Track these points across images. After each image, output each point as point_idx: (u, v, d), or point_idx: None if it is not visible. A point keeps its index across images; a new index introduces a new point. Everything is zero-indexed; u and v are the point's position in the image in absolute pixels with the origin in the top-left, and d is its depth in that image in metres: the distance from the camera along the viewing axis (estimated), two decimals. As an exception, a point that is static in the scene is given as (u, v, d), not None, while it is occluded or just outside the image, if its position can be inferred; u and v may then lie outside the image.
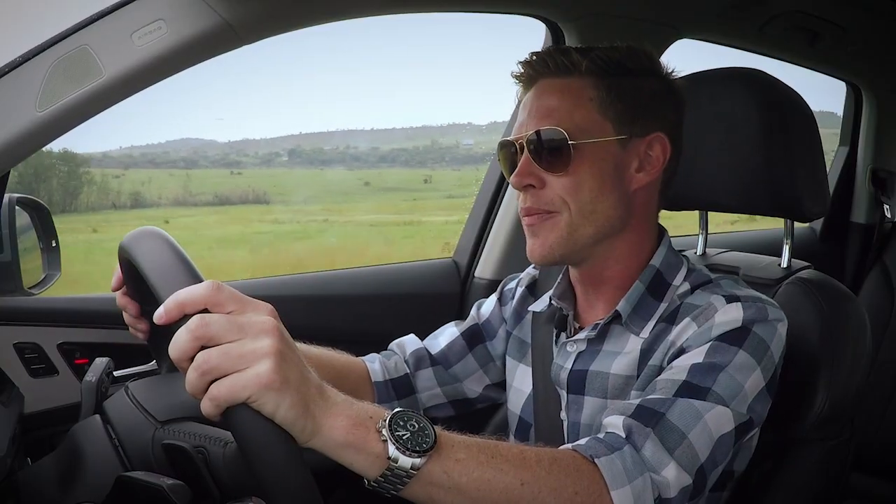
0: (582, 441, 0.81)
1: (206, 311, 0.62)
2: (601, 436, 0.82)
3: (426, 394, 1.16)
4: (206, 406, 0.61)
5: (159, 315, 0.63)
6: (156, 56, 1.02)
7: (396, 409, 0.68)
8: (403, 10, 1.38)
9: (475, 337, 1.18)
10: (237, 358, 0.61)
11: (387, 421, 0.67)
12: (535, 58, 0.98)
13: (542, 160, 0.94)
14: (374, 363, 1.15)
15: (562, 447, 0.81)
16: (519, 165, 0.96)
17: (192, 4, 1.02)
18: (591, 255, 0.98)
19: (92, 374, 0.94)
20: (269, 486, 0.61)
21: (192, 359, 0.61)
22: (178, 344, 0.61)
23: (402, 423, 0.67)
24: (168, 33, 1.01)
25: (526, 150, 0.95)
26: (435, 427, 0.70)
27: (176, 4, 1.02)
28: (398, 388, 1.14)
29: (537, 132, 0.94)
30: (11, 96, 0.97)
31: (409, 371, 1.16)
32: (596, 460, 0.77)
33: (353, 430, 0.65)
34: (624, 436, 0.80)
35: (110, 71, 1.00)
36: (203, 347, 0.61)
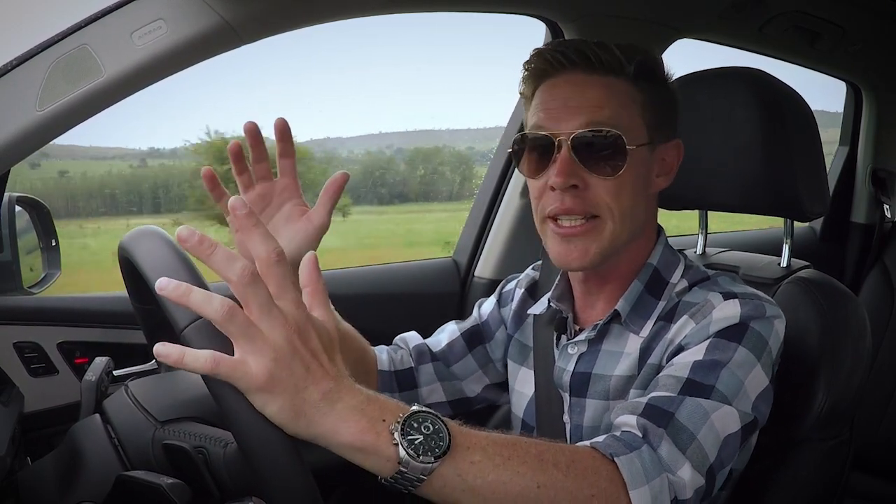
0: (600, 438, 0.80)
1: None
2: (618, 434, 0.81)
3: (426, 388, 1.16)
4: (195, 358, 0.62)
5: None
6: (156, 55, 1.02)
7: (413, 410, 0.67)
8: (403, 9, 1.38)
9: (475, 337, 1.18)
10: (248, 327, 0.62)
11: (400, 423, 0.66)
12: (569, 47, 0.93)
13: (590, 160, 0.90)
14: (382, 353, 1.15)
15: (580, 444, 0.80)
16: (560, 164, 0.91)
17: (191, 4, 1.02)
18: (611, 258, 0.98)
19: (92, 374, 0.94)
20: (269, 486, 0.61)
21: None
22: (226, 258, 0.62)
23: (415, 426, 0.66)
24: (168, 33, 1.01)
25: (566, 147, 0.91)
26: (451, 427, 0.69)
27: (176, 4, 1.02)
28: (401, 381, 1.14)
29: (588, 131, 0.90)
30: (11, 96, 0.98)
31: (413, 364, 1.16)
32: (616, 459, 0.76)
33: (362, 435, 0.65)
34: (641, 435, 0.80)
35: (110, 70, 1.00)
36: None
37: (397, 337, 1.21)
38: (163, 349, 0.62)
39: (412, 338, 1.20)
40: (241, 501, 0.74)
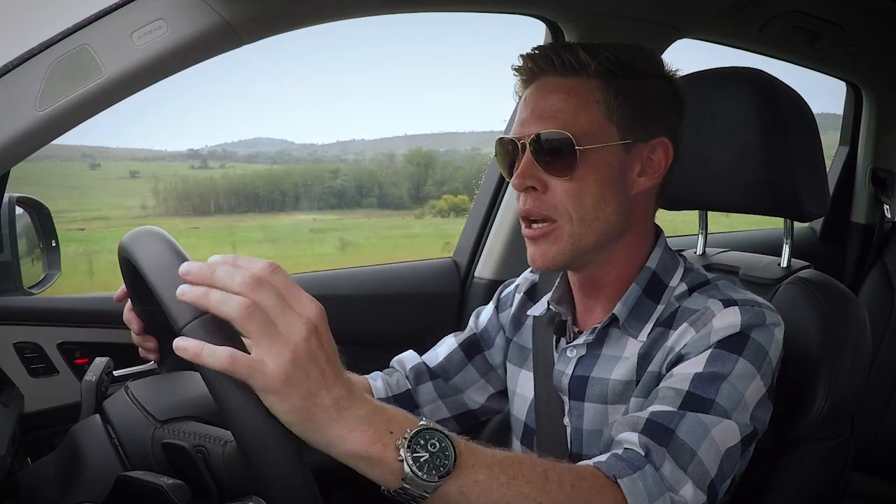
0: (603, 458, 0.81)
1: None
2: (620, 452, 0.81)
3: (428, 408, 1.15)
4: (207, 353, 0.61)
5: (214, 261, 0.64)
6: (156, 56, 1.01)
7: (420, 426, 0.67)
8: (403, 9, 1.38)
9: (473, 347, 1.18)
10: (267, 325, 0.61)
11: (408, 440, 0.66)
12: (538, 53, 0.95)
13: (545, 163, 0.92)
14: (376, 381, 1.15)
15: (582, 463, 0.81)
16: (521, 166, 0.93)
17: (192, 4, 1.02)
18: (592, 260, 0.98)
19: (92, 374, 0.93)
20: (268, 485, 0.61)
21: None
22: (226, 273, 0.62)
23: (422, 443, 0.66)
24: (168, 33, 1.01)
25: (528, 150, 0.93)
26: (457, 444, 0.69)
27: (176, 4, 1.01)
28: (400, 405, 1.12)
29: (539, 134, 0.92)
30: (11, 96, 0.97)
31: (410, 387, 1.16)
32: (619, 480, 0.76)
33: (369, 446, 0.64)
34: (643, 453, 0.80)
35: (110, 71, 1.00)
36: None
37: (394, 359, 1.21)
38: (182, 343, 0.61)
39: (409, 358, 1.20)
40: (240, 501, 0.74)
